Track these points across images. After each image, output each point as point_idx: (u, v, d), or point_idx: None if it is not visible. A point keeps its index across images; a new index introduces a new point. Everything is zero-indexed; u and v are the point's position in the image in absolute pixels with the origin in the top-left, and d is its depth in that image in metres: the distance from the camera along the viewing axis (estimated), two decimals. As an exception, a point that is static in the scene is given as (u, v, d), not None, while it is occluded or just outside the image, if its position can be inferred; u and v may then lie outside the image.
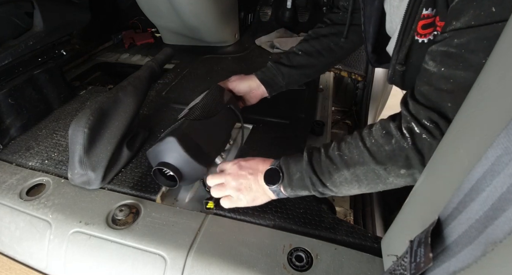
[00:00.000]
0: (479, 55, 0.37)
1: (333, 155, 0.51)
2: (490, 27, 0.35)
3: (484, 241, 0.21)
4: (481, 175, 0.23)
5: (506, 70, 0.27)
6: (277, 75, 0.80)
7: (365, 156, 0.48)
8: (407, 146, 0.44)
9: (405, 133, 0.45)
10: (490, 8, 0.34)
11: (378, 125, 0.48)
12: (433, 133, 0.42)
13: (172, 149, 0.61)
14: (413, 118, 0.44)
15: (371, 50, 0.63)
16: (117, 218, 0.62)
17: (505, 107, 0.25)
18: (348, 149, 0.50)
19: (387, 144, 0.46)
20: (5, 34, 0.89)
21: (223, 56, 1.37)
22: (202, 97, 0.74)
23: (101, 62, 1.39)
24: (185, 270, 0.54)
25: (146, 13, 1.34)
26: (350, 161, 0.49)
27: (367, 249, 0.56)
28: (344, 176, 0.50)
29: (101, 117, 0.68)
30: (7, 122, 0.86)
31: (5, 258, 0.66)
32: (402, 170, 0.46)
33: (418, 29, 0.46)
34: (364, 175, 0.49)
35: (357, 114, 1.32)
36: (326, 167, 0.52)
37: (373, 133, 0.48)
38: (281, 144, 0.82)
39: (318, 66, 0.82)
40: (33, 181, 0.72)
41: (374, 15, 0.57)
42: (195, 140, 0.64)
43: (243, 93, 0.82)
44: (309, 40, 0.80)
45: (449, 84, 0.40)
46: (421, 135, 0.43)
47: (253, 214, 0.63)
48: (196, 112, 0.69)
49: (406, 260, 0.30)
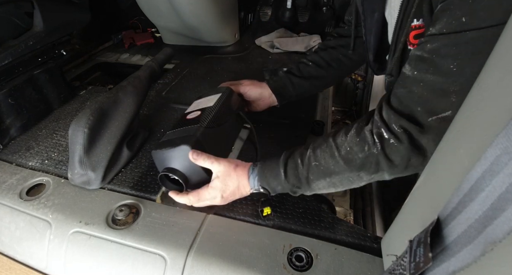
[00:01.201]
0: (448, 61, 0.38)
1: (310, 166, 0.52)
2: (459, 35, 0.36)
3: (483, 241, 0.21)
4: (480, 174, 0.23)
5: (506, 70, 0.27)
6: (288, 85, 0.80)
7: (340, 165, 0.49)
8: (377, 151, 0.46)
9: (375, 139, 0.46)
10: (461, 18, 0.36)
11: (353, 132, 0.49)
12: (400, 138, 0.44)
13: (185, 157, 0.59)
14: (383, 123, 0.45)
15: (372, 59, 0.64)
16: (117, 218, 0.62)
17: (505, 107, 0.25)
18: (324, 159, 0.51)
19: (361, 151, 0.47)
20: (5, 34, 0.89)
21: (223, 56, 1.37)
22: (216, 102, 0.72)
23: (101, 62, 1.39)
24: (185, 270, 0.54)
25: (146, 13, 1.34)
26: (327, 171, 0.51)
27: (367, 249, 0.56)
28: (322, 184, 0.53)
29: (101, 117, 0.68)
30: (7, 122, 0.86)
31: (5, 258, 0.66)
32: (373, 174, 0.49)
33: (411, 39, 0.48)
34: (340, 182, 0.52)
35: (357, 114, 1.32)
36: (304, 178, 0.53)
37: (348, 140, 0.49)
38: (281, 144, 0.82)
39: (328, 78, 0.83)
40: (33, 181, 0.72)
41: (374, 26, 0.59)
42: (207, 149, 0.62)
43: (253, 99, 0.81)
44: (318, 52, 0.82)
45: (419, 87, 0.42)
46: (389, 140, 0.45)
47: (253, 214, 0.63)
48: (209, 119, 0.66)
49: (405, 260, 0.30)
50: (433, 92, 0.40)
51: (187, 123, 0.67)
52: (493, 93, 0.29)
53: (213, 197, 0.59)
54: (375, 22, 0.58)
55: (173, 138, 0.64)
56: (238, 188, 0.59)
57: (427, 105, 0.41)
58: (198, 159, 0.58)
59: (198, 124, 0.65)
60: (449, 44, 0.38)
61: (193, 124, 0.66)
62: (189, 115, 0.71)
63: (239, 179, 0.58)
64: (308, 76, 0.80)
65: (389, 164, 0.46)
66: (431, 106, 0.41)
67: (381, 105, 0.48)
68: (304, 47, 1.34)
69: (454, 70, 0.38)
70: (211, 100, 0.73)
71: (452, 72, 0.38)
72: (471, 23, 0.35)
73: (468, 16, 0.35)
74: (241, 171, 0.58)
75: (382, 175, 0.49)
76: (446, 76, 0.39)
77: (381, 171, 0.48)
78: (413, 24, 0.46)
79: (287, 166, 0.55)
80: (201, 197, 0.59)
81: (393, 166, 0.46)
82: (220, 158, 0.59)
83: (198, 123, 0.65)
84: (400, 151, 0.44)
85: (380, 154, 0.46)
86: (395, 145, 0.44)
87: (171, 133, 0.66)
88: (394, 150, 0.45)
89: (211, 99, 0.74)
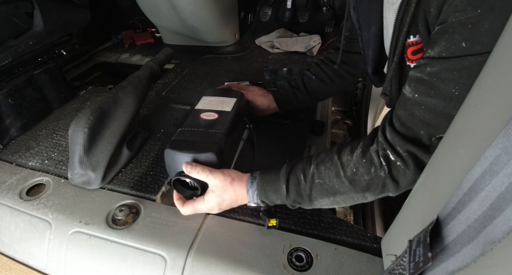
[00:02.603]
0: (449, 85, 0.38)
1: (314, 184, 0.51)
2: (460, 60, 0.36)
3: (483, 241, 0.21)
4: (480, 174, 0.23)
5: (506, 71, 0.27)
6: (292, 99, 0.84)
7: (346, 186, 0.49)
8: (384, 174, 0.45)
9: (382, 162, 0.45)
10: (460, 43, 0.35)
11: (359, 151, 0.48)
12: (406, 162, 0.44)
13: (208, 163, 0.58)
14: (388, 145, 0.45)
15: (371, 72, 0.64)
16: (117, 218, 0.62)
17: (505, 107, 0.25)
18: (329, 178, 0.50)
19: (367, 173, 0.47)
20: (5, 34, 0.88)
21: (223, 56, 1.37)
22: (232, 107, 0.70)
23: (101, 62, 1.39)
24: (185, 270, 0.54)
25: (146, 13, 1.34)
26: (331, 190, 0.50)
27: (367, 249, 0.56)
28: (325, 202, 0.52)
29: (101, 117, 0.68)
30: (7, 122, 0.86)
31: (5, 258, 0.66)
32: (378, 194, 0.49)
33: (409, 55, 0.47)
34: (344, 201, 0.51)
35: (357, 114, 1.32)
36: (307, 195, 0.52)
37: (354, 160, 0.48)
38: (281, 144, 0.82)
39: (330, 92, 0.87)
40: (33, 181, 0.72)
41: (372, 40, 0.58)
42: (225, 156, 0.62)
43: (258, 107, 0.84)
44: (322, 66, 0.84)
45: (421, 110, 0.41)
46: (396, 163, 0.44)
47: (253, 214, 0.63)
48: (227, 125, 0.65)
49: (405, 260, 0.30)
50: (436, 116, 0.40)
51: (206, 126, 0.65)
52: (493, 93, 0.29)
53: (209, 209, 0.59)
54: (372, 35, 0.57)
55: (193, 140, 0.61)
56: (236, 201, 0.58)
57: (430, 128, 0.41)
58: (192, 171, 0.56)
59: (222, 132, 0.63)
60: (450, 68, 0.37)
61: (213, 129, 0.64)
62: (204, 115, 0.68)
63: (237, 193, 0.57)
64: (311, 91, 0.84)
65: (395, 185, 0.46)
66: (434, 129, 0.41)
67: (384, 125, 0.47)
68: (304, 47, 1.34)
69: (456, 94, 0.37)
70: (226, 103, 0.72)
71: (454, 96, 0.38)
72: (472, 48, 0.34)
73: (469, 42, 0.34)
74: (238, 185, 0.57)
75: (387, 194, 0.49)
76: (448, 100, 0.38)
77: (386, 192, 0.48)
78: (409, 40, 0.45)
79: (289, 181, 0.53)
80: (197, 210, 0.59)
81: (399, 187, 0.46)
82: (214, 170, 0.57)
83: (219, 130, 0.63)
84: (407, 174, 0.44)
85: (387, 177, 0.45)
86: (402, 168, 0.44)
87: (188, 133, 0.63)
88: (401, 173, 0.45)
89: (226, 102, 0.72)
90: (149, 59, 0.88)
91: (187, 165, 0.57)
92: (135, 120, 0.77)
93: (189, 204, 0.59)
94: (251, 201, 0.57)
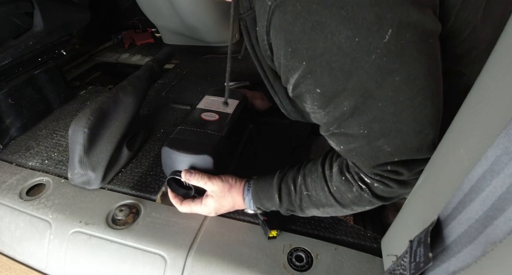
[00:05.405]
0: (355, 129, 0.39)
1: (302, 195, 0.51)
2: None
3: (483, 241, 0.21)
4: (480, 174, 0.23)
5: (506, 70, 0.27)
6: None
7: (331, 200, 0.48)
8: (368, 195, 0.45)
9: (360, 184, 0.45)
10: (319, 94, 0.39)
11: (337, 169, 0.47)
12: (384, 182, 0.43)
13: (204, 165, 0.58)
14: (359, 169, 0.45)
15: None
16: (117, 218, 0.62)
17: (505, 107, 0.25)
18: (315, 190, 0.49)
19: (349, 191, 0.46)
20: (5, 34, 0.88)
21: (223, 56, 1.37)
22: (235, 109, 0.70)
23: (101, 62, 1.39)
24: (185, 270, 0.54)
25: (146, 13, 1.34)
26: (319, 202, 0.50)
27: (367, 249, 0.56)
28: (315, 212, 0.52)
29: (101, 117, 0.68)
30: (7, 122, 0.86)
31: (5, 258, 0.66)
32: (366, 207, 0.48)
33: None
34: (334, 212, 0.51)
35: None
36: (298, 206, 0.52)
37: (333, 178, 0.47)
38: (281, 144, 0.82)
39: None
40: (33, 181, 0.72)
41: None
42: (222, 159, 0.62)
43: (259, 110, 0.89)
44: None
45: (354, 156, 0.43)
46: (373, 184, 0.44)
47: (253, 214, 0.63)
48: (227, 128, 0.65)
49: (405, 260, 0.30)
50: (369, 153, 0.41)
51: (206, 127, 0.65)
52: (493, 93, 0.28)
53: (207, 213, 0.60)
54: None
55: (191, 140, 0.61)
56: (233, 207, 0.59)
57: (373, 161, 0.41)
58: (191, 179, 0.57)
59: (221, 134, 0.63)
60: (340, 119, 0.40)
61: (213, 130, 0.64)
62: (205, 115, 0.68)
63: (235, 200, 0.58)
64: None
65: (384, 200, 0.46)
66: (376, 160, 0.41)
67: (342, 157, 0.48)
68: (304, 47, 1.33)
69: (366, 132, 0.39)
70: (228, 104, 0.72)
71: (365, 134, 0.39)
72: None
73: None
74: (235, 192, 0.57)
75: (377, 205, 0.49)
76: (365, 138, 0.39)
77: (376, 205, 0.48)
78: None
79: (281, 190, 0.53)
80: (194, 211, 0.59)
81: (389, 200, 0.46)
82: (212, 177, 0.57)
83: (218, 132, 0.63)
84: (393, 189, 0.44)
85: (371, 197, 0.45)
86: (381, 188, 0.44)
87: (187, 132, 0.64)
88: (384, 190, 0.44)
89: (228, 104, 0.72)
90: (149, 59, 0.88)
91: (185, 173, 0.57)
92: (135, 120, 0.77)
93: (187, 203, 0.60)
94: (248, 208, 0.58)
